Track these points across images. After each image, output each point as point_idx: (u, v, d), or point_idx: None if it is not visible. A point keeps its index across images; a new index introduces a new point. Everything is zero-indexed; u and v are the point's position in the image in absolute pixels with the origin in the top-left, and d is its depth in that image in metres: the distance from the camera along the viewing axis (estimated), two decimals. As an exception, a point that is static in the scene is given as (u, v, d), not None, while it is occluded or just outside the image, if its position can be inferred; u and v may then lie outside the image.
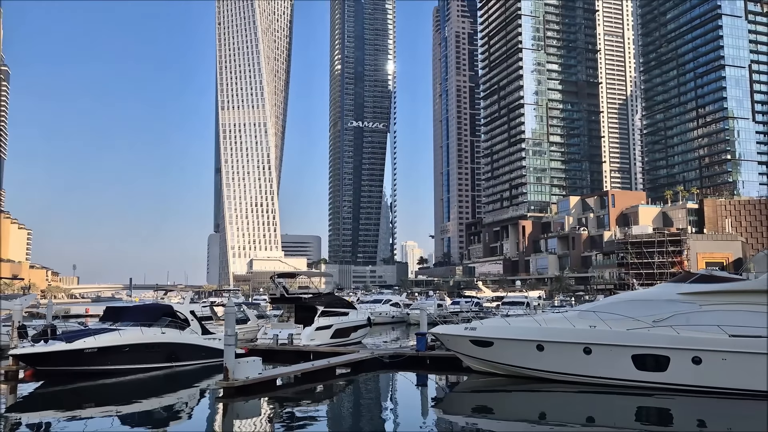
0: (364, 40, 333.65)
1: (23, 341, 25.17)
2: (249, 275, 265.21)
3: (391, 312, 61.28)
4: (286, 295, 34.87)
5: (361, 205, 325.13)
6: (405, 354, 27.03)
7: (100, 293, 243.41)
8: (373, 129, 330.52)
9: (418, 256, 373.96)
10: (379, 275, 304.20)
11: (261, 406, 19.14)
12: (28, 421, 17.53)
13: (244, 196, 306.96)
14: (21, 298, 37.83)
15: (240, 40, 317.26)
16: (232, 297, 73.31)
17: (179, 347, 26.38)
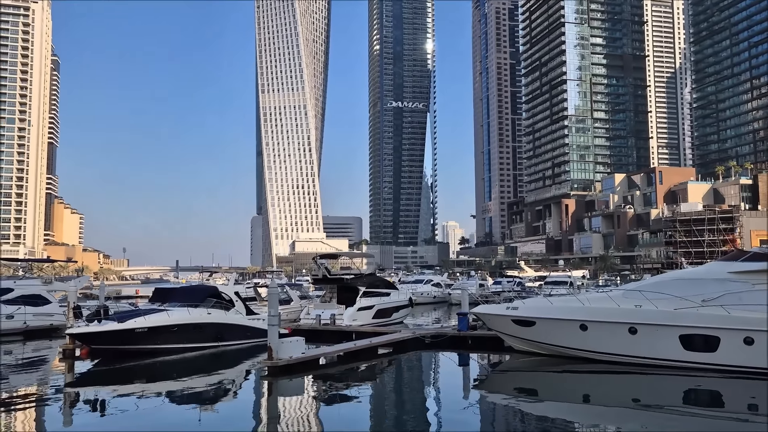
0: (403, 20, 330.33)
1: (78, 321, 26.15)
2: (291, 257, 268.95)
3: (433, 292, 61.34)
4: (328, 275, 35.18)
5: (402, 186, 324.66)
6: (446, 334, 27.07)
7: (149, 275, 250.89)
8: (413, 109, 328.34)
9: (459, 236, 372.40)
10: (420, 255, 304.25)
11: (304, 384, 19.47)
12: (86, 397, 18.27)
13: (286, 179, 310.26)
14: (75, 280, 39.32)
15: (279, 23, 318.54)
16: (275, 278, 74.54)
17: (225, 327, 27.00)
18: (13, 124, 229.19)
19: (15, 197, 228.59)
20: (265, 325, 21.19)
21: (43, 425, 15.13)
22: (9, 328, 32.32)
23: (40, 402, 17.63)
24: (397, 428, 14.77)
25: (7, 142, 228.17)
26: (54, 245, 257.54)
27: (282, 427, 14.56)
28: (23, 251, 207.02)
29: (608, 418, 15.54)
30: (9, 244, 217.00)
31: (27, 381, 21.40)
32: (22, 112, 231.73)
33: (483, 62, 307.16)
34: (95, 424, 14.94)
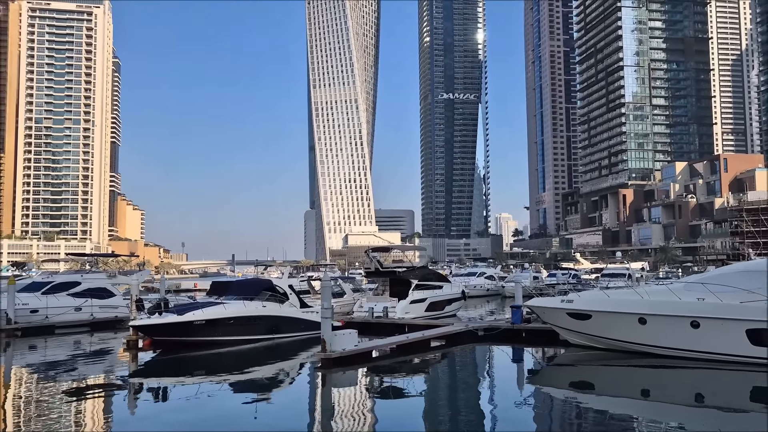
0: (453, 10, 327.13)
1: (141, 313, 27.13)
2: (344, 250, 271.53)
3: (486, 285, 60.77)
4: (380, 269, 35.25)
5: (454, 178, 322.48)
6: (500, 327, 26.76)
7: (207, 269, 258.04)
8: (464, 100, 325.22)
9: (513, 228, 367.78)
10: (473, 248, 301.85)
11: (357, 377, 19.62)
12: (148, 386, 18.94)
13: (338, 173, 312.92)
14: (137, 273, 40.76)
15: (330, 18, 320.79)
16: (328, 271, 75.41)
17: (279, 320, 27.46)
18: (78, 125, 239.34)
19: (81, 195, 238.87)
20: (319, 317, 21.43)
21: (110, 412, 15.77)
22: (77, 320, 33.87)
23: (108, 390, 18.41)
24: (451, 421, 14.71)
25: (73, 142, 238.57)
26: (117, 240, 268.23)
27: (336, 419, 14.72)
28: (89, 246, 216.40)
29: (670, 414, 15.02)
30: (76, 239, 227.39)
31: (95, 370, 22.37)
32: (87, 113, 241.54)
33: (535, 50, 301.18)
34: (158, 412, 15.49)
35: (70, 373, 21.37)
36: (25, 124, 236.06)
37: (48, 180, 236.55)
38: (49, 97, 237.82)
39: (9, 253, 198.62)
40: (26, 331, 31.29)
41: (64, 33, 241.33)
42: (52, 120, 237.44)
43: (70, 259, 61.16)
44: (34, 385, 19.27)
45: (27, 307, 32.85)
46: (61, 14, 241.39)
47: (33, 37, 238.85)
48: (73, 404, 16.33)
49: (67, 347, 28.17)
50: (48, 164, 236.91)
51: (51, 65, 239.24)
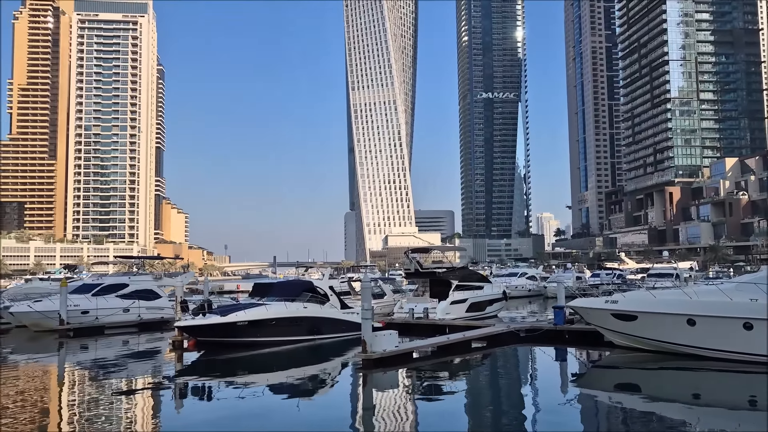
0: (491, 9, 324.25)
1: (185, 314, 27.71)
2: (384, 251, 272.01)
3: (527, 285, 60.09)
4: (420, 269, 35.17)
5: (494, 178, 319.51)
6: (542, 328, 26.40)
7: (249, 270, 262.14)
8: (504, 99, 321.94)
9: (555, 228, 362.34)
10: (514, 248, 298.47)
11: (398, 377, 19.61)
12: (194, 386, 19.31)
13: (377, 174, 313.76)
14: (182, 275, 41.73)
15: (367, 20, 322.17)
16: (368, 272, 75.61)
17: (320, 321, 27.69)
18: (125, 131, 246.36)
19: (128, 199, 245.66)
20: (359, 318, 21.51)
21: (157, 411, 16.16)
22: (125, 321, 34.87)
23: (155, 389, 18.86)
24: (494, 423, 14.56)
25: (120, 148, 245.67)
26: (163, 243, 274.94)
27: (377, 419, 14.74)
28: (136, 249, 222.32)
29: (722, 418, 14.54)
30: (124, 242, 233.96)
31: (142, 370, 22.96)
32: (133, 120, 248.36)
33: (576, 47, 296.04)
34: (203, 411, 15.80)
35: (120, 373, 21.99)
36: (76, 131, 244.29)
37: (97, 185, 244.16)
38: (98, 105, 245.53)
39: (61, 256, 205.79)
40: (78, 331, 32.38)
41: (111, 43, 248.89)
42: (101, 127, 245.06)
43: (119, 262, 63.05)
44: (86, 384, 19.89)
45: (78, 309, 33.98)
46: (108, 24, 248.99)
47: (82, 47, 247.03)
48: (123, 403, 16.80)
49: (116, 347, 29.00)
50: (97, 170, 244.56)
51: (99, 74, 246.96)
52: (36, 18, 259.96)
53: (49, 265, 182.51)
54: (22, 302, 36.57)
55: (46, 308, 33.69)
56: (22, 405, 16.32)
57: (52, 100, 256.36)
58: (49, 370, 23.81)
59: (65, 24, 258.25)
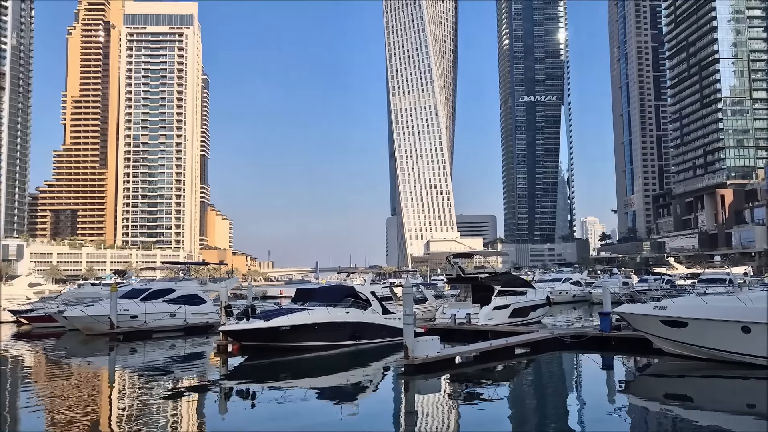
0: (533, 11, 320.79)
1: (230, 319, 28.18)
2: (426, 256, 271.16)
3: (572, 291, 59.08)
4: (462, 275, 34.94)
5: (537, 182, 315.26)
6: (588, 334, 25.86)
7: (291, 276, 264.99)
8: (546, 102, 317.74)
9: (600, 232, 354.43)
10: (557, 253, 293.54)
11: (441, 383, 19.47)
12: (238, 389, 19.60)
13: (419, 179, 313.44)
14: (226, 281, 42.58)
15: (407, 25, 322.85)
16: (410, 278, 75.50)
17: (362, 326, 27.72)
18: (171, 140, 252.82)
19: (174, 206, 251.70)
20: (401, 324, 21.47)
21: (203, 413, 16.47)
22: (172, 325, 35.67)
23: (201, 392, 19.23)
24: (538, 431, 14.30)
25: (167, 156, 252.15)
26: (208, 249, 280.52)
27: (420, 425, 14.66)
28: (182, 255, 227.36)
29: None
30: (171, 248, 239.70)
31: (189, 373, 23.45)
32: (179, 129, 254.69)
33: (621, 48, 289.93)
34: (247, 414, 16.04)
35: (167, 376, 22.50)
36: (125, 140, 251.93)
37: (145, 193, 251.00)
38: (145, 114, 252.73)
39: (112, 262, 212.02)
40: (127, 335, 33.32)
41: (158, 54, 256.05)
42: (148, 136, 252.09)
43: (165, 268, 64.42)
44: (135, 386, 20.41)
45: (128, 313, 34.98)
46: (156, 37, 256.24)
47: (131, 59, 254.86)
48: (170, 404, 17.17)
49: (163, 351, 29.70)
50: (145, 178, 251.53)
51: (146, 85, 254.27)
52: (88, 32, 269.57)
53: (101, 270, 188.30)
54: (75, 306, 37.82)
55: (98, 312, 34.76)
56: (75, 406, 16.85)
57: (102, 111, 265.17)
58: (100, 372, 24.54)
59: (115, 37, 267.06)
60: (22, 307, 44.35)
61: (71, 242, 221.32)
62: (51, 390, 19.80)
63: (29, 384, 21.92)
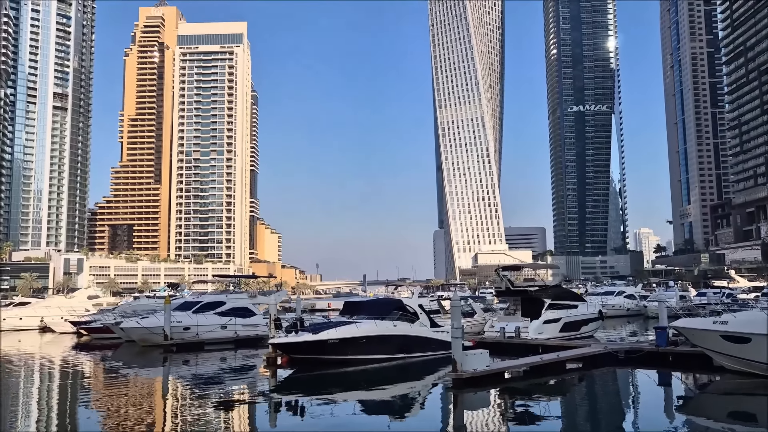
0: (581, 20, 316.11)
1: (279, 332, 28.46)
2: (474, 269, 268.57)
3: (626, 304, 57.43)
4: (511, 287, 34.48)
5: (587, 193, 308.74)
6: (643, 349, 25.05)
7: (339, 289, 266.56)
8: (596, 112, 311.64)
9: (655, 244, 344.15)
10: (610, 266, 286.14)
11: (490, 398, 19.15)
12: (287, 401, 19.75)
13: (466, 192, 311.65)
14: (275, 294, 43.10)
15: (453, 38, 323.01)
16: (458, 291, 74.85)
17: (410, 339, 27.55)
18: (222, 155, 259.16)
19: (225, 220, 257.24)
20: (449, 337, 21.25)
21: (254, 425, 16.66)
22: (223, 337, 36.33)
23: (251, 404, 19.48)
24: (591, 450, 13.88)
25: (218, 171, 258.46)
26: (257, 262, 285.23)
27: (468, 441, 14.43)
28: (233, 268, 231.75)
29: None
30: (222, 262, 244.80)
31: (239, 385, 23.78)
32: (229, 144, 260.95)
33: (674, 54, 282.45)
34: (296, 426, 16.11)
35: (218, 387, 22.90)
36: (178, 157, 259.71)
37: (197, 207, 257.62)
38: (197, 131, 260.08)
39: (165, 275, 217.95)
40: (180, 346, 34.11)
41: (209, 72, 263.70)
42: (200, 152, 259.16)
43: (217, 281, 66.00)
44: (188, 397, 20.84)
45: (181, 325, 35.81)
46: (207, 56, 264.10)
47: (184, 78, 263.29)
48: (221, 415, 17.44)
49: (214, 362, 30.26)
50: (197, 193, 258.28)
51: (198, 102, 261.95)
52: (144, 54, 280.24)
53: (155, 283, 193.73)
54: (131, 318, 38.98)
55: (152, 324, 35.72)
56: (131, 414, 17.31)
57: (157, 129, 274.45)
58: (155, 383, 25.18)
59: (169, 58, 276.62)
60: (82, 319, 45.97)
61: (127, 256, 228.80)
62: (109, 398, 20.41)
63: (89, 392, 22.65)
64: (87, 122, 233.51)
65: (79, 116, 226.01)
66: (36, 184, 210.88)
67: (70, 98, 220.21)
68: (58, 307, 55.65)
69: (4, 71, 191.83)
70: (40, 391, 23.20)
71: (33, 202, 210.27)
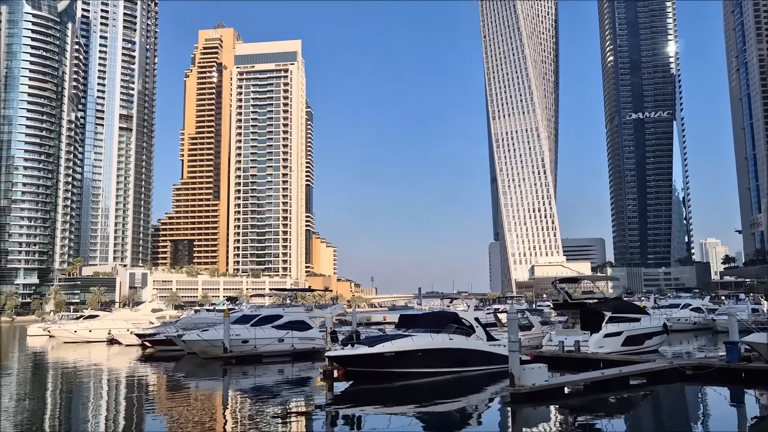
0: (638, 25, 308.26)
1: (335, 345, 28.64)
2: (531, 281, 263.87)
3: (692, 318, 55.25)
4: (569, 300, 33.71)
5: (648, 203, 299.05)
6: (712, 365, 23.92)
7: (395, 302, 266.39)
8: (656, 119, 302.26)
9: (722, 255, 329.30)
10: (674, 277, 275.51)
11: (550, 414, 18.69)
12: (344, 414, 19.83)
13: (521, 203, 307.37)
14: (331, 307, 43.56)
15: (506, 49, 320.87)
16: (514, 303, 73.65)
17: (466, 353, 27.25)
18: (278, 171, 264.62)
19: (281, 235, 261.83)
20: (506, 351, 20.91)
21: (309, 438, 16.76)
22: (280, 350, 36.85)
23: (308, 416, 19.63)
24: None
25: (274, 187, 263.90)
26: (313, 276, 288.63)
27: (528, 458, 14.10)
28: (289, 282, 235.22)
29: None
30: (278, 275, 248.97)
31: (296, 397, 24.03)
32: (285, 160, 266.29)
33: (740, 56, 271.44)
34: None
35: (276, 399, 23.21)
36: (235, 173, 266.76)
37: (254, 223, 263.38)
38: (254, 147, 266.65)
39: (224, 289, 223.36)
40: (239, 359, 34.81)
41: (265, 90, 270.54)
42: (257, 168, 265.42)
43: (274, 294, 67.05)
44: (247, 408, 21.22)
45: (239, 338, 36.55)
46: (263, 74, 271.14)
47: (240, 96, 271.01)
48: (279, 427, 17.65)
49: (272, 375, 30.71)
50: (254, 208, 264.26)
51: (255, 119, 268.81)
52: (203, 74, 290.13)
53: (214, 296, 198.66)
54: (192, 331, 40.03)
55: (212, 337, 36.60)
56: (192, 425, 17.73)
57: (215, 146, 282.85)
58: (215, 394, 25.75)
59: (227, 77, 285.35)
60: (146, 331, 47.57)
61: (188, 270, 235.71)
62: (172, 409, 20.99)
63: (153, 402, 23.37)
64: (150, 142, 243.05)
65: (142, 136, 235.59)
66: (104, 202, 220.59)
67: (134, 119, 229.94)
68: (125, 320, 57.90)
69: (75, 96, 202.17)
70: (108, 401, 24.08)
71: (101, 219, 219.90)
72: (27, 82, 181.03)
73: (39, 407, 22.19)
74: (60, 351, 48.02)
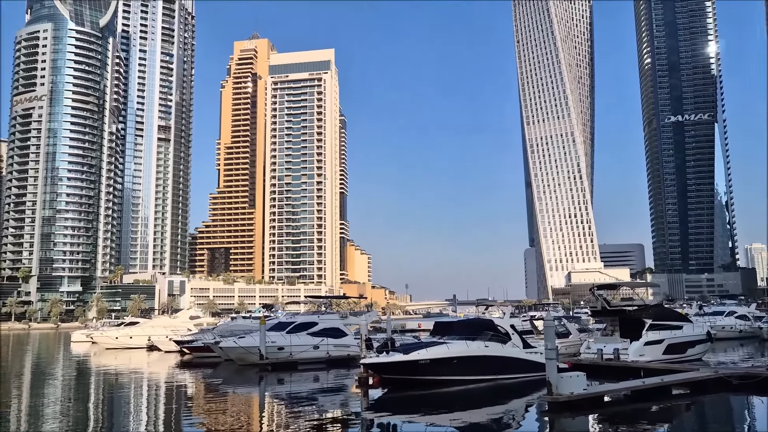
0: (677, 26, 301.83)
1: (370, 352, 28.64)
2: (568, 288, 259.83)
3: (738, 325, 53.56)
4: (607, 307, 33.04)
5: (689, 207, 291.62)
6: (760, 375, 23.14)
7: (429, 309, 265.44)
8: (696, 121, 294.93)
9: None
10: (718, 284, 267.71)
11: (589, 423, 18.31)
12: (379, 422, 19.78)
13: (557, 209, 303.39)
14: (366, 314, 43.51)
15: (540, 53, 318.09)
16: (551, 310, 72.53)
17: (501, 360, 26.94)
18: (312, 179, 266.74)
19: (316, 242, 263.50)
20: (543, 358, 20.58)
21: (345, 445, 16.75)
22: (315, 357, 37.00)
23: (343, 423, 19.64)
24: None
25: (308, 195, 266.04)
26: (348, 283, 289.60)
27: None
28: (324, 289, 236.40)
29: None
30: (313, 283, 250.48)
31: (332, 404, 24.08)
32: (319, 168, 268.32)
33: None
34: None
35: (312, 406, 23.29)
36: (270, 182, 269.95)
37: (289, 230, 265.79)
38: (288, 156, 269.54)
39: (260, 296, 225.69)
40: (275, 366, 35.07)
41: (299, 99, 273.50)
42: (291, 176, 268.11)
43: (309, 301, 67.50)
44: (283, 415, 21.35)
45: (275, 345, 36.85)
46: (297, 84, 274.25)
47: (275, 105, 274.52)
48: (314, 435, 17.69)
49: (308, 382, 30.86)
50: (289, 216, 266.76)
51: (289, 129, 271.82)
52: (238, 85, 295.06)
53: (250, 304, 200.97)
54: (229, 338, 40.52)
55: (249, 344, 36.97)
56: (229, 430, 17.92)
57: (251, 155, 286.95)
58: (252, 400, 26.00)
59: (261, 87, 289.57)
60: (184, 338, 48.34)
61: (225, 278, 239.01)
62: (210, 414, 21.25)
63: (191, 408, 23.69)
64: (187, 152, 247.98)
65: (180, 146, 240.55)
66: (143, 211, 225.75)
67: (172, 130, 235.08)
68: (164, 326, 58.97)
69: (116, 108, 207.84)
70: (147, 406, 24.53)
71: (140, 228, 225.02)
72: (71, 96, 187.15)
73: (83, 411, 22.74)
74: (102, 357, 49.18)
